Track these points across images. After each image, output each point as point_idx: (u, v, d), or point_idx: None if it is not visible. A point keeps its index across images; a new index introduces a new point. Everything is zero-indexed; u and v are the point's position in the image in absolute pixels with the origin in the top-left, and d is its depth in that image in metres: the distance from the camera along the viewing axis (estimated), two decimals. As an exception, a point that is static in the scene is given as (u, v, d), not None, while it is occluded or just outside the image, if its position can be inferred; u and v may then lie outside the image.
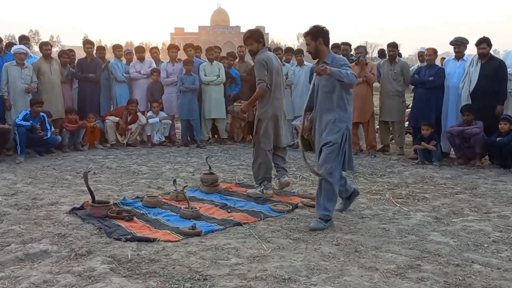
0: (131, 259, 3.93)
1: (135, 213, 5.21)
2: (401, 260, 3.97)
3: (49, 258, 3.93)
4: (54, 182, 6.82)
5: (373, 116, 9.40)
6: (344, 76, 4.70)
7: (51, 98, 9.39)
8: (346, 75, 4.72)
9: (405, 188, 6.58)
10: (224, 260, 3.94)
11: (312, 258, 4.00)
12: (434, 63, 9.12)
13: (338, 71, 4.71)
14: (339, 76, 4.70)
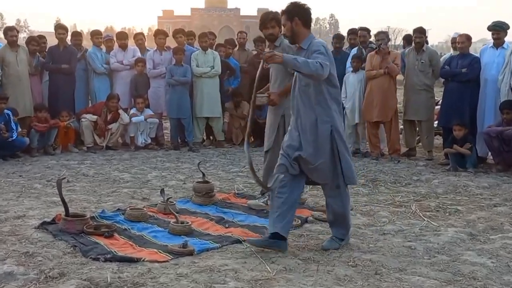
0: (111, 282, 3.93)
1: (115, 228, 5.20)
2: (429, 284, 3.95)
3: (14, 281, 3.92)
4: (21, 191, 6.83)
5: (396, 114, 9.41)
6: (301, 65, 4.37)
7: (17, 93, 9.41)
8: (306, 64, 4.37)
9: (434, 200, 6.57)
10: (221, 284, 3.93)
11: (325, 282, 3.99)
12: (468, 52, 9.12)
13: (294, 58, 4.44)
14: (294, 65, 4.40)
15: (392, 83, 9.28)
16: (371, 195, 6.82)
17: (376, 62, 9.13)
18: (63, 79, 10.04)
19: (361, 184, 7.35)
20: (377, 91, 9.13)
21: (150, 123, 10.33)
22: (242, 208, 6.15)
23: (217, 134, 10.84)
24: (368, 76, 9.25)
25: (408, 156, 9.44)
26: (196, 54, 10.49)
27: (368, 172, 8.18)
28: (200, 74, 10.35)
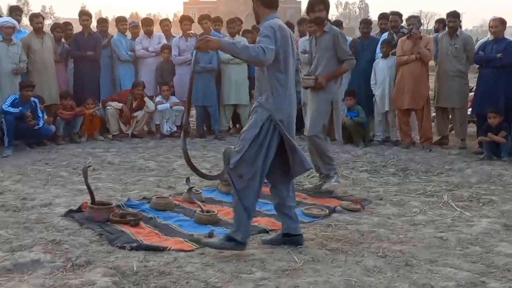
0: (137, 271, 3.98)
1: (141, 217, 5.27)
2: (462, 276, 3.93)
3: (42, 269, 4.00)
4: (47, 179, 6.94)
5: (428, 102, 9.30)
6: (240, 50, 4.17)
7: (43, 80, 9.52)
8: (244, 48, 4.19)
9: (467, 189, 6.52)
10: (247, 274, 3.96)
11: (353, 273, 3.99)
12: (503, 37, 8.97)
13: (232, 44, 4.32)
14: (232, 50, 4.22)
15: (424, 69, 9.17)
16: (401, 184, 6.78)
17: (407, 47, 9.04)
18: (88, 66, 10.13)
19: (391, 174, 7.32)
20: (408, 77, 9.04)
21: (175, 110, 10.38)
22: (268, 197, 6.15)
23: (244, 121, 10.84)
24: (399, 62, 9.16)
25: (440, 145, 9.35)
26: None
27: (399, 161, 8.13)
28: (227, 61, 10.34)
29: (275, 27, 4.32)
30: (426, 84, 9.26)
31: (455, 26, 9.16)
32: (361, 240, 4.73)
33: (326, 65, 6.23)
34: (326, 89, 6.20)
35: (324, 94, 6.21)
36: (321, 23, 6.21)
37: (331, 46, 6.18)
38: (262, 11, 4.55)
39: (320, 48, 6.29)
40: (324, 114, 6.21)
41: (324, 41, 6.26)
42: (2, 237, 4.65)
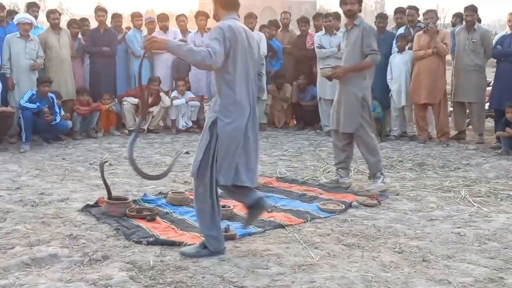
0: (154, 265, 4.00)
1: (158, 212, 5.29)
2: (479, 272, 3.91)
3: (59, 263, 4.04)
4: (64, 174, 6.99)
5: (445, 96, 9.25)
6: (185, 52, 4.06)
7: (59, 76, 9.59)
8: (190, 52, 4.05)
9: (485, 184, 6.47)
10: (263, 269, 3.96)
11: (370, 268, 3.98)
12: (521, 31, 8.89)
13: (177, 46, 4.18)
14: (178, 52, 4.14)
15: (441, 63, 9.11)
16: (418, 179, 6.74)
17: (424, 42, 8.98)
18: (104, 62, 10.18)
19: (408, 169, 7.28)
20: (425, 72, 8.99)
21: (191, 106, 10.40)
22: (284, 193, 6.16)
23: (260, 117, 10.83)
24: (415, 56, 9.10)
25: (457, 140, 9.28)
26: None
27: (415, 156, 8.09)
28: (245, 56, 10.34)
29: (224, 28, 4.17)
30: (443, 78, 9.20)
31: (472, 20, 9.08)
32: (378, 236, 4.72)
33: (354, 60, 6.18)
34: (355, 85, 6.14)
35: (353, 90, 6.15)
36: (352, 16, 6.15)
37: (360, 40, 6.11)
38: (221, 12, 4.44)
39: (349, 42, 6.24)
40: (356, 111, 6.14)
41: (353, 35, 6.19)
42: (20, 231, 4.70)
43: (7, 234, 4.64)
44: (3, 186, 6.33)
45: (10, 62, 9.09)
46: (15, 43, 9.10)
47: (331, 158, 7.99)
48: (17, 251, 4.22)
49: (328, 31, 10.11)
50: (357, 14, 6.21)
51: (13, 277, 3.77)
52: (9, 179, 6.69)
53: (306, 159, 8.07)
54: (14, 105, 8.94)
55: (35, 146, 8.77)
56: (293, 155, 8.38)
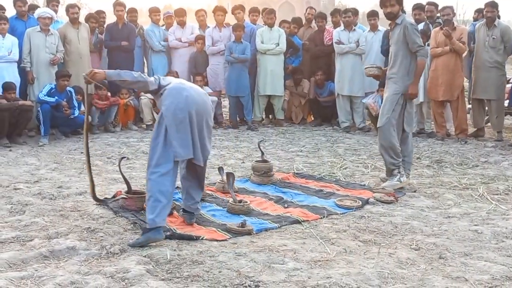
0: (171, 259, 4.03)
1: (175, 206, 5.31)
2: (496, 269, 3.89)
3: (77, 256, 4.08)
4: (82, 168, 7.05)
5: (462, 93, 9.19)
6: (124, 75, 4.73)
7: (78, 70, 9.62)
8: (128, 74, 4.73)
9: (503, 182, 6.42)
10: (280, 264, 3.98)
11: (386, 265, 3.98)
12: (542, 27, 8.80)
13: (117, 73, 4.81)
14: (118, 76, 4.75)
15: (458, 60, 9.05)
16: (435, 176, 6.71)
17: (441, 38, 8.93)
18: (122, 57, 10.22)
19: (426, 166, 7.25)
20: (443, 69, 8.94)
21: (209, 101, 10.41)
22: (301, 188, 6.17)
23: (277, 112, 10.84)
24: (432, 54, 9.04)
25: (476, 137, 9.22)
26: (261, 31, 10.49)
27: (433, 153, 8.04)
28: (264, 51, 10.35)
29: None
30: (461, 75, 9.14)
31: (492, 16, 9.00)
32: (395, 232, 4.71)
33: (400, 57, 6.13)
34: (399, 82, 6.12)
35: (395, 86, 6.13)
36: (392, 18, 6.18)
37: (403, 39, 6.10)
38: None
39: (393, 41, 6.24)
40: (390, 106, 6.09)
41: (396, 34, 6.19)
42: (38, 224, 4.75)
43: (26, 226, 4.70)
44: (22, 179, 6.40)
45: (30, 56, 9.19)
46: (35, 37, 9.19)
47: (348, 154, 8.01)
48: (36, 244, 4.27)
49: (346, 26, 10.09)
50: (399, 14, 6.19)
51: (32, 269, 3.82)
52: (28, 172, 6.77)
53: (323, 155, 8.06)
54: (34, 98, 9.03)
55: (53, 139, 8.86)
56: (310, 151, 8.38)
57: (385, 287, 3.61)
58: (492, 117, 9.27)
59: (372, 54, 10.00)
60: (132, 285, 3.56)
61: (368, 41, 10.06)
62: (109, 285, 3.56)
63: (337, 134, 9.77)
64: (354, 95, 10.08)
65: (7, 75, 8.85)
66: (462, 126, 9.14)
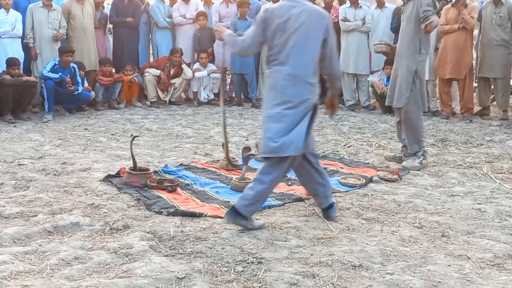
0: (174, 236, 4.05)
1: (178, 183, 5.33)
2: (499, 248, 3.90)
3: (81, 231, 4.11)
4: (86, 144, 7.07)
5: (471, 72, 9.13)
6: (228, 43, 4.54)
7: (82, 46, 9.63)
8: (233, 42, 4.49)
9: (507, 161, 6.41)
10: (282, 241, 3.99)
11: (389, 243, 3.99)
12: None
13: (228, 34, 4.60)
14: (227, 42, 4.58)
15: (468, 38, 8.97)
16: (440, 155, 6.70)
17: (451, 15, 8.85)
18: (127, 33, 10.19)
19: (430, 144, 7.23)
20: (452, 46, 8.88)
21: (213, 78, 10.40)
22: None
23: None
24: (441, 31, 8.97)
25: (481, 116, 9.19)
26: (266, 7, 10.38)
27: (438, 132, 8.03)
28: (268, 27, 10.28)
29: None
30: (470, 53, 9.07)
31: (500, -6, 8.92)
32: (398, 210, 4.71)
33: (409, 34, 6.05)
34: (409, 59, 6.01)
35: (407, 63, 6.04)
36: None
37: (415, 14, 5.99)
38: None
39: (405, 16, 6.12)
40: (407, 85, 6.01)
41: (409, 9, 6.08)
42: (42, 200, 4.77)
43: (30, 202, 4.73)
44: (26, 155, 6.42)
45: (33, 32, 9.16)
46: (37, 12, 9.16)
47: (353, 133, 8.00)
48: (40, 219, 4.30)
49: (353, 4, 10.01)
50: None
51: (36, 244, 3.84)
52: (32, 148, 6.78)
53: (327, 133, 8.05)
54: (37, 74, 9.03)
55: (57, 116, 8.88)
56: (314, 129, 8.28)
57: (387, 264, 3.63)
58: (498, 95, 9.22)
59: (378, 32, 9.94)
60: (135, 261, 3.58)
61: (374, 19, 9.99)
62: (112, 261, 3.58)
63: (341, 112, 9.74)
64: (359, 73, 10.04)
65: (11, 51, 8.83)
66: (468, 105, 9.10)
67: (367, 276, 3.43)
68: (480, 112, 9.32)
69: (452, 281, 3.36)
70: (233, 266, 3.55)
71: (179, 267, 3.47)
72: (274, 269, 3.49)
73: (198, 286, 3.24)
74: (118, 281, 3.26)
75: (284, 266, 3.55)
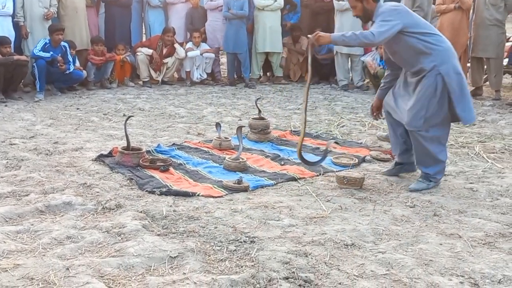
0: (167, 215, 4.05)
1: (171, 162, 5.32)
2: (490, 227, 3.91)
3: (73, 211, 4.09)
4: (78, 124, 7.04)
5: (466, 52, 9.12)
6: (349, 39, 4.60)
7: (74, 25, 9.55)
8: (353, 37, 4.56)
9: (499, 141, 6.43)
10: (275, 221, 4.00)
11: (381, 222, 4.00)
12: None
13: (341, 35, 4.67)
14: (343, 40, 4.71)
15: (464, 18, 8.97)
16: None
17: (448, -5, 8.84)
18: (119, 12, 10.11)
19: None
20: (447, 26, 8.86)
21: (206, 58, 10.35)
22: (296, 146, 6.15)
23: (275, 70, 10.78)
24: (437, 10, 8.95)
25: (474, 96, 9.17)
26: None
27: (431, 112, 8.02)
28: (262, 7, 10.21)
29: (389, 8, 4.63)
30: (465, 33, 9.07)
31: (493, -27, 8.88)
32: (390, 190, 4.72)
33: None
34: None
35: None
36: None
37: None
38: (371, 5, 4.73)
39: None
40: None
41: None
42: (34, 179, 4.75)
43: (22, 181, 4.70)
44: (18, 134, 6.39)
45: (24, 10, 9.07)
46: (28, -10, 9.06)
47: (346, 113, 8.00)
48: (32, 198, 4.28)
49: (347, -18, 9.94)
50: None
51: (28, 223, 3.83)
52: (24, 127, 6.75)
53: (320, 113, 8.05)
54: (28, 54, 8.96)
55: (49, 95, 8.83)
56: (308, 109, 8.32)
57: (379, 243, 3.64)
58: (491, 75, 9.22)
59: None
60: (128, 240, 3.58)
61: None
62: (105, 240, 3.57)
63: (335, 92, 9.74)
64: (353, 53, 10.01)
65: (1, 29, 8.75)
66: (460, 85, 9.08)
67: (359, 254, 3.45)
68: (473, 92, 9.31)
69: (444, 259, 3.38)
70: (226, 245, 3.55)
71: (171, 246, 3.47)
72: (267, 248, 3.50)
73: (190, 265, 3.24)
74: (111, 260, 3.26)
75: (276, 245, 3.56)
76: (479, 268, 3.25)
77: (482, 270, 3.23)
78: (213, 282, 3.01)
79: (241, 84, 10.39)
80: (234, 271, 3.19)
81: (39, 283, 2.99)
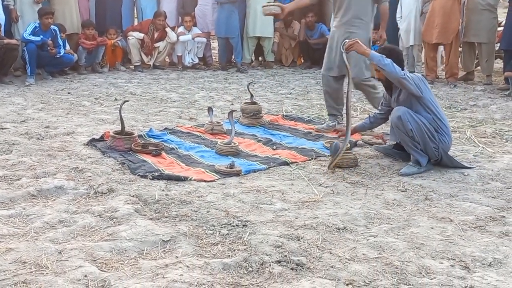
0: (159, 199, 4.05)
1: (163, 147, 5.31)
2: (481, 210, 3.94)
3: (65, 195, 4.09)
4: (70, 108, 7.00)
5: (457, 37, 9.11)
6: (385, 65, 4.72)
7: (64, 8, 9.47)
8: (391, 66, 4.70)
9: (491, 125, 6.45)
10: (267, 205, 4.00)
11: (373, 206, 4.02)
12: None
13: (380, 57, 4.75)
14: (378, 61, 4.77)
15: (455, 3, 8.93)
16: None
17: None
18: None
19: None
20: (439, 11, 8.84)
21: (197, 42, 10.31)
22: (290, 130, 6.17)
23: (267, 54, 10.75)
24: (429, -6, 8.95)
25: (465, 81, 9.22)
26: None
27: (422, 96, 8.04)
28: (253, -9, 10.17)
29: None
30: (457, 18, 9.04)
31: (485, -44, 8.87)
32: (382, 174, 4.74)
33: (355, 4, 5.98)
34: (365, 29, 6.00)
35: (363, 34, 5.97)
36: None
37: None
38: None
39: None
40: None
41: None
42: (26, 164, 4.73)
43: (13, 166, 4.69)
44: (9, 118, 6.36)
45: (14, -6, 8.99)
46: (17, -27, 8.97)
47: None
48: (24, 183, 4.27)
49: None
50: None
51: (20, 207, 3.82)
52: (15, 112, 6.71)
53: (312, 97, 8.04)
54: (19, 37, 8.88)
55: (40, 79, 8.78)
56: (300, 93, 8.35)
57: (371, 227, 3.65)
58: (482, 60, 9.23)
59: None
60: (120, 224, 3.58)
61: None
62: (97, 224, 3.57)
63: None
64: (345, 37, 9.97)
65: (-9, 13, 8.68)
66: (453, 70, 9.12)
67: (351, 238, 3.46)
68: (464, 77, 9.35)
69: (435, 243, 3.40)
70: (218, 229, 3.56)
71: (164, 230, 3.47)
72: (259, 232, 3.50)
73: (183, 249, 3.25)
74: (103, 244, 3.26)
75: (269, 229, 3.57)
76: (470, 251, 3.27)
77: (473, 253, 3.25)
78: (206, 266, 3.02)
79: (233, 68, 10.37)
80: (226, 255, 3.19)
81: (32, 267, 2.99)
